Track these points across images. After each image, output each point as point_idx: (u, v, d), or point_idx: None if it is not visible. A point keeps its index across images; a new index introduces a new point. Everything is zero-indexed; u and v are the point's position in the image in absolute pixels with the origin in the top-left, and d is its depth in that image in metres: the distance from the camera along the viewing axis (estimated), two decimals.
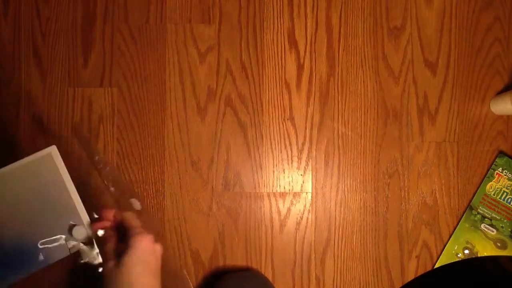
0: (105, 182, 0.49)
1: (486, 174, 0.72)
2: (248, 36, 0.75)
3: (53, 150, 0.46)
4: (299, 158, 0.74)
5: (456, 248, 0.72)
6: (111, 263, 0.43)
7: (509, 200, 0.71)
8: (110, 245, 0.45)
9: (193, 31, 0.75)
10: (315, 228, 0.73)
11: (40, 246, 0.45)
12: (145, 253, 0.43)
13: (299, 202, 0.74)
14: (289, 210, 0.74)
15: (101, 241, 0.45)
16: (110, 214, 0.47)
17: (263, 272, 0.73)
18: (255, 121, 0.74)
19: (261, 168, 0.74)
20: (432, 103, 0.74)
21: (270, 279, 0.73)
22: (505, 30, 0.74)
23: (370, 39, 0.75)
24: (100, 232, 0.46)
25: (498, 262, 0.72)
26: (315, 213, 0.74)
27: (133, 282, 0.41)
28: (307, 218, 0.74)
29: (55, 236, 0.46)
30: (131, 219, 0.46)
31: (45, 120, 0.75)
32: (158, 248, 0.45)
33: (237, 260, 0.73)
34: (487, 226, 0.71)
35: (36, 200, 0.46)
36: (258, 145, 0.74)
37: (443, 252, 0.72)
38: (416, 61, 0.74)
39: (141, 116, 0.75)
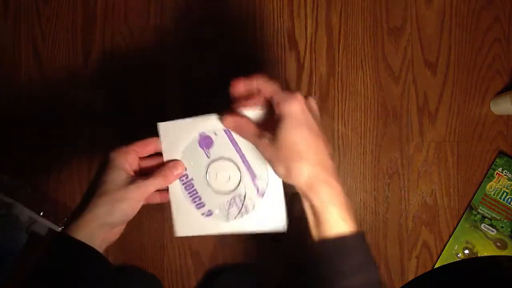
0: None
1: (486, 174, 0.72)
2: (248, 36, 0.75)
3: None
4: None
5: (456, 248, 0.71)
6: (264, 142, 0.36)
7: (509, 200, 0.71)
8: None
9: (193, 31, 0.75)
10: None
11: None
12: (302, 116, 0.35)
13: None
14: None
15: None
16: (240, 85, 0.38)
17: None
18: None
19: None
20: (432, 103, 0.74)
21: None
22: (505, 30, 0.74)
23: (370, 39, 0.74)
24: None
25: (498, 262, 0.72)
26: None
27: (298, 150, 0.35)
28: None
29: None
30: (265, 84, 0.38)
31: (45, 120, 0.75)
32: (313, 105, 0.38)
33: (237, 260, 0.73)
34: (487, 226, 0.71)
35: None
36: None
37: (443, 252, 0.72)
38: (416, 61, 0.74)
39: (141, 117, 0.75)
